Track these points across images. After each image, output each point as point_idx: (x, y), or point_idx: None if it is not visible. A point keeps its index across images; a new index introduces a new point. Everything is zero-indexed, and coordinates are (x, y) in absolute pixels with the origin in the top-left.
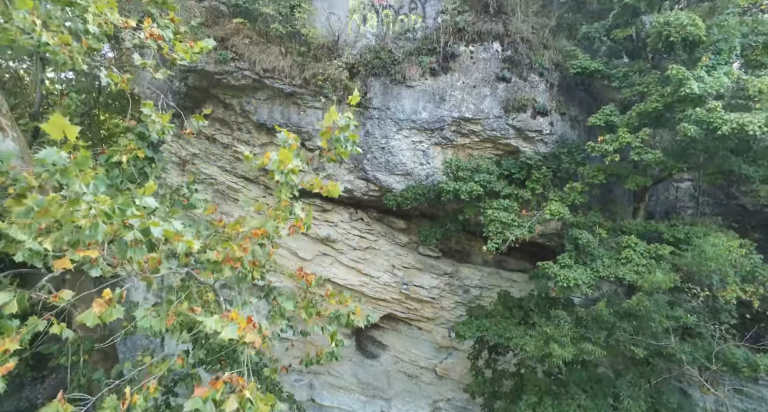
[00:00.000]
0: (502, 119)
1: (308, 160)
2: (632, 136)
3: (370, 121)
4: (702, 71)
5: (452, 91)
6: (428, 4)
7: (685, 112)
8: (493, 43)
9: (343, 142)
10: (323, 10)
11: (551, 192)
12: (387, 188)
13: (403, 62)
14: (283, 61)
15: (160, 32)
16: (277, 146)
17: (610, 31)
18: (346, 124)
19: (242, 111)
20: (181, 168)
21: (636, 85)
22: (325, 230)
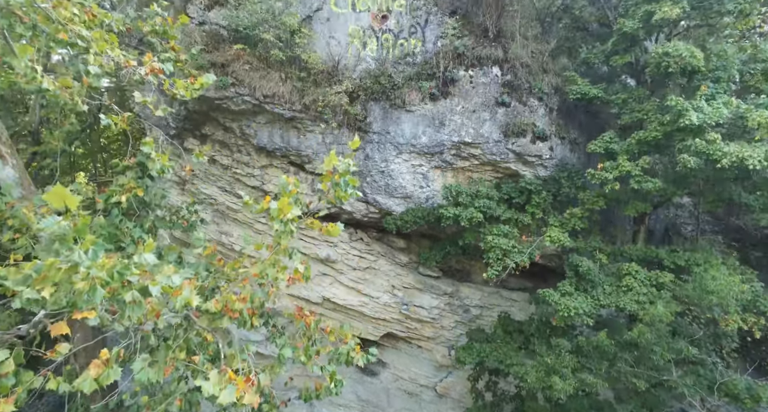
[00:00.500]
0: (502, 144)
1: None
2: (632, 165)
3: (369, 145)
4: (701, 101)
5: (452, 116)
6: (428, 28)
7: (685, 142)
8: (493, 68)
9: (343, 187)
10: (323, 33)
11: (551, 217)
12: (387, 211)
13: (402, 87)
14: (283, 87)
15: (160, 66)
16: (276, 168)
17: (609, 57)
18: (345, 170)
19: (242, 134)
20: (181, 187)
21: (635, 111)
22: (325, 251)
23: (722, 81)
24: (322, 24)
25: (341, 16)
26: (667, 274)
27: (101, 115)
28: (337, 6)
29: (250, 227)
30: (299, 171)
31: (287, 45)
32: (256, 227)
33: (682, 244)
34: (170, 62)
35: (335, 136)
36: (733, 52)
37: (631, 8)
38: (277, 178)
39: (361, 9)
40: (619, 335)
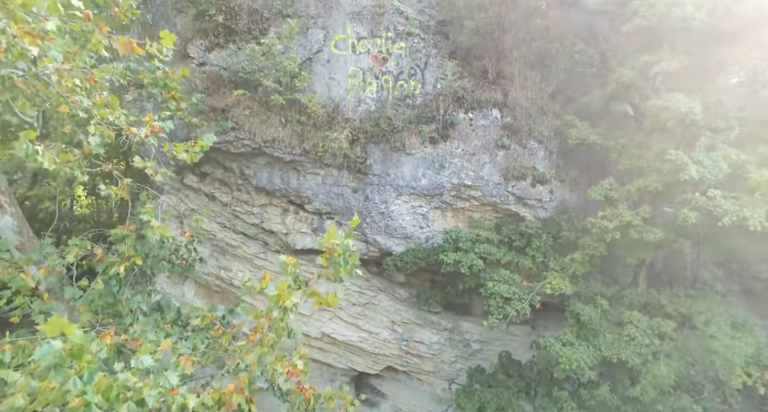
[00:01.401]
0: (502, 186)
1: (307, 282)
2: (633, 214)
3: (369, 186)
4: (700, 153)
5: (452, 159)
6: (427, 70)
7: (685, 196)
8: (492, 110)
9: (342, 264)
10: (323, 74)
11: (552, 260)
12: (386, 250)
13: (402, 131)
14: (283, 131)
15: (161, 125)
16: (276, 206)
17: (608, 102)
18: (345, 249)
19: (242, 174)
20: (180, 221)
21: (635, 157)
22: (325, 287)
23: (721, 130)
24: (322, 65)
25: (341, 57)
26: (669, 322)
27: (101, 186)
28: (337, 48)
29: (250, 262)
30: (299, 210)
31: (287, 88)
32: (255, 262)
33: (684, 286)
34: (170, 120)
35: (335, 177)
36: (732, 104)
37: (630, 56)
38: (277, 216)
39: (361, 51)
40: (622, 387)
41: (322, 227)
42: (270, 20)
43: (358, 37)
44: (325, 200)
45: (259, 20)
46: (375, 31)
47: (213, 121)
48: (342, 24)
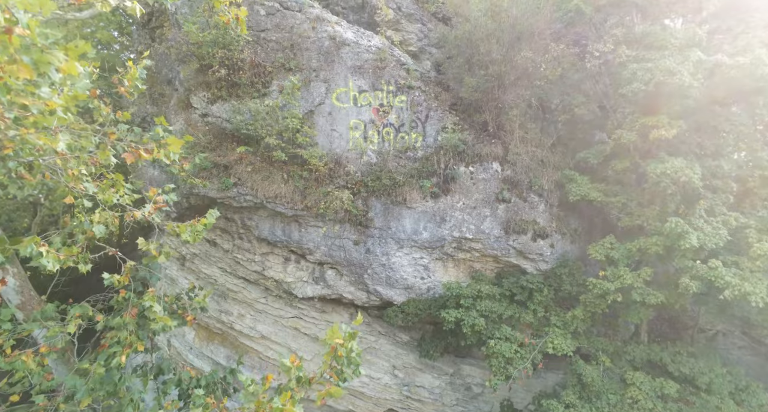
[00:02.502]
0: (503, 240)
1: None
2: (634, 275)
3: (371, 239)
4: (700, 220)
5: (453, 212)
6: (428, 123)
7: (686, 263)
8: (493, 163)
9: (346, 364)
10: (325, 126)
11: (553, 315)
12: (388, 300)
13: (404, 185)
14: (285, 187)
15: (164, 198)
16: (277, 255)
17: (608, 160)
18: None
19: (243, 225)
20: (181, 263)
21: (635, 214)
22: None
23: (720, 191)
24: (324, 117)
25: (343, 110)
26: (672, 383)
27: (104, 275)
28: (338, 100)
29: (251, 306)
30: (300, 259)
31: (289, 142)
32: (256, 306)
33: (686, 342)
34: (174, 193)
35: (337, 230)
36: (730, 167)
37: (629, 116)
38: (279, 265)
39: (362, 103)
40: None
41: (323, 276)
42: (272, 73)
43: (359, 90)
44: (326, 252)
45: (261, 73)
46: (376, 85)
47: (215, 177)
48: (344, 77)
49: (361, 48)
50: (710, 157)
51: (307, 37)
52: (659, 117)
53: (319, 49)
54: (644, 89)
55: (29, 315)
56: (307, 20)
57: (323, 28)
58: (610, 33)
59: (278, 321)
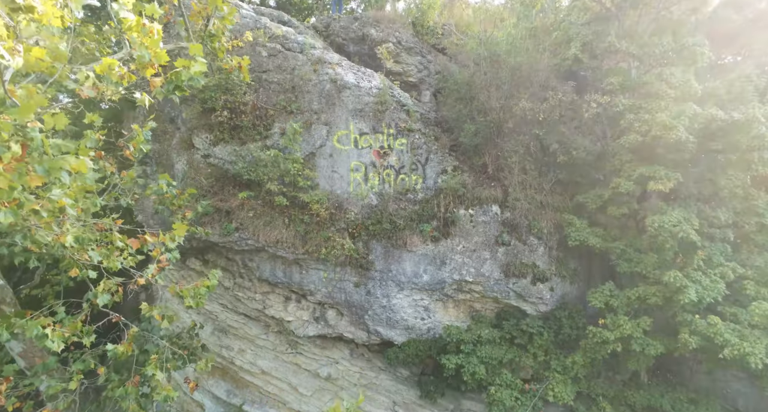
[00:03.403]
0: (503, 283)
1: None
2: (633, 325)
3: (371, 281)
4: (698, 272)
5: (453, 255)
6: (428, 165)
7: (685, 317)
8: (492, 206)
9: None
10: (326, 168)
11: (554, 359)
12: (388, 339)
13: (404, 229)
14: (286, 232)
15: (167, 257)
16: (278, 295)
17: (607, 206)
18: None
19: (245, 265)
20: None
21: (634, 261)
22: (326, 369)
23: (718, 240)
24: (325, 159)
25: (344, 152)
26: None
27: (108, 346)
28: (340, 143)
29: (251, 342)
30: (301, 298)
31: (291, 185)
32: (257, 342)
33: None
34: (176, 250)
35: (338, 273)
36: (727, 217)
37: (626, 165)
38: (279, 304)
39: (363, 146)
40: None
41: (324, 316)
42: (274, 116)
43: (360, 132)
44: (327, 293)
45: (263, 116)
46: (377, 128)
47: (217, 222)
48: (345, 120)
49: (362, 91)
50: (708, 206)
51: (308, 79)
52: (656, 168)
53: (321, 92)
54: (641, 140)
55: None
56: (308, 62)
57: (324, 71)
58: (606, 80)
59: (279, 357)
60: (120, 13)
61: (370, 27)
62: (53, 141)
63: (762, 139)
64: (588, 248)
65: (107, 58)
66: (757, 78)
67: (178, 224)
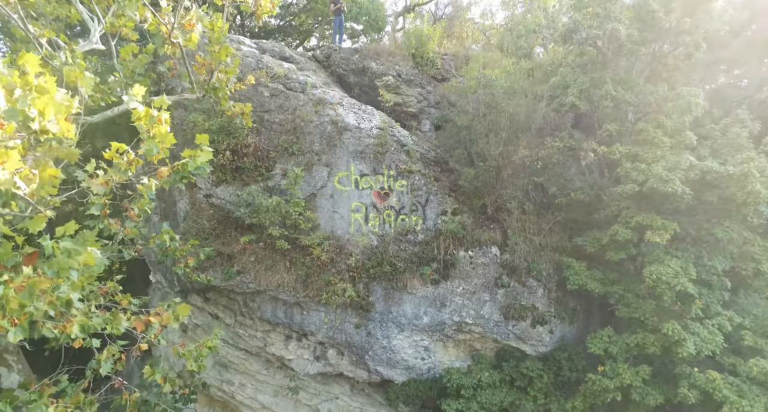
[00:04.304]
0: (502, 325)
1: None
2: (632, 373)
3: (372, 323)
4: (696, 323)
5: (453, 297)
6: (428, 206)
7: (684, 370)
8: (492, 248)
9: None
10: (327, 208)
11: (553, 402)
12: (389, 379)
13: (404, 272)
14: (288, 276)
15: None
16: (278, 334)
17: (605, 250)
18: None
19: (246, 305)
20: (183, 331)
21: (633, 306)
22: (327, 405)
23: (715, 288)
24: (326, 199)
25: (344, 193)
26: None
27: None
28: (340, 184)
29: (252, 377)
30: (302, 337)
31: (292, 227)
32: (258, 377)
33: None
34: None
35: (338, 315)
36: (724, 266)
37: (624, 211)
38: (281, 342)
39: (363, 187)
40: None
41: (324, 355)
42: (276, 157)
43: (360, 174)
44: (328, 334)
45: (265, 158)
46: (377, 169)
47: (219, 266)
48: (345, 162)
49: (362, 133)
50: (705, 249)
51: (310, 120)
52: (653, 217)
53: (322, 134)
54: (638, 190)
55: None
56: (309, 102)
57: (326, 112)
58: (603, 127)
59: (279, 392)
60: (130, 103)
61: (371, 60)
62: (63, 245)
63: (756, 195)
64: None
65: (115, 143)
66: (751, 123)
67: (182, 306)
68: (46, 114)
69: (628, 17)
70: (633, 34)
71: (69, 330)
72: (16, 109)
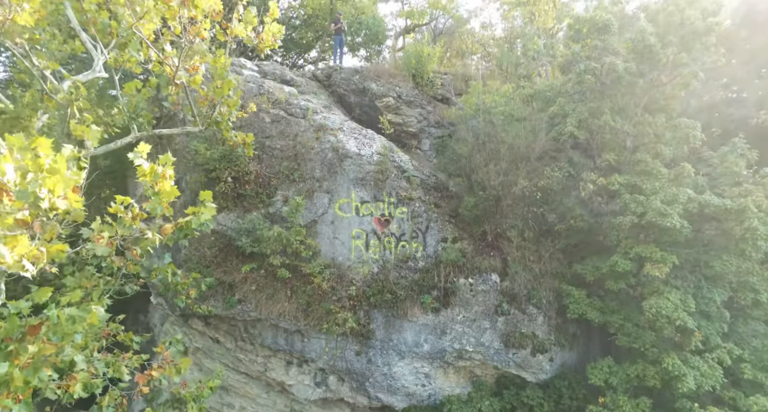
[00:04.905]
0: (503, 353)
1: None
2: (633, 405)
3: (372, 350)
4: (696, 357)
5: (453, 325)
6: (429, 234)
7: (684, 404)
8: (492, 275)
9: None
10: (328, 234)
11: None
12: (389, 406)
13: (405, 300)
14: (288, 305)
15: (171, 351)
16: (279, 359)
17: (604, 278)
18: None
19: (247, 331)
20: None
21: (632, 336)
22: None
23: (715, 320)
24: (327, 226)
25: (345, 219)
26: None
27: None
28: (341, 210)
29: (253, 400)
30: (303, 363)
31: (293, 255)
32: (258, 401)
33: None
34: (181, 345)
35: (339, 342)
36: (723, 298)
37: (624, 241)
38: (281, 368)
39: (364, 213)
40: None
41: (325, 381)
42: (277, 184)
43: (361, 200)
44: (328, 361)
45: (266, 184)
46: (378, 196)
47: (220, 294)
48: (346, 189)
49: (363, 160)
50: (705, 283)
51: (311, 147)
52: (653, 249)
53: (323, 160)
54: (637, 222)
55: None
56: (311, 128)
57: (326, 138)
58: (602, 157)
59: None
60: (135, 160)
61: (371, 81)
62: (68, 311)
63: (754, 231)
64: None
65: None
66: (748, 152)
67: (184, 359)
68: (56, 191)
69: (625, 48)
70: (631, 67)
71: (72, 389)
72: (27, 191)
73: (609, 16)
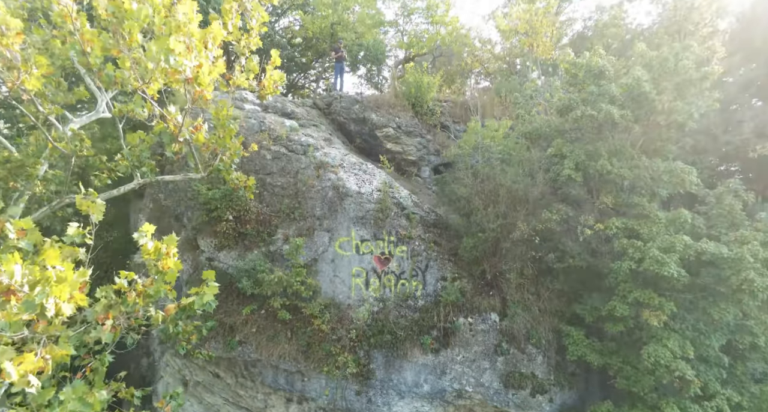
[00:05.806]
0: (502, 394)
1: None
2: None
3: (372, 390)
4: (696, 407)
5: (453, 365)
6: (428, 272)
7: None
8: (491, 314)
9: None
10: (328, 273)
11: None
12: None
13: (405, 341)
14: (289, 347)
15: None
16: (279, 397)
17: (603, 320)
18: None
19: (247, 370)
20: (183, 383)
21: (632, 380)
22: None
23: (713, 365)
24: (327, 264)
25: (345, 257)
26: None
27: None
28: (341, 249)
29: None
30: (303, 401)
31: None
32: None
33: None
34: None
35: (339, 382)
36: (721, 343)
37: (622, 284)
38: (281, 405)
39: (364, 252)
40: None
41: None
42: (277, 223)
43: (361, 239)
44: (328, 400)
45: (267, 223)
46: (378, 235)
47: (221, 336)
48: (346, 227)
49: (363, 198)
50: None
51: (311, 185)
52: (651, 294)
53: (323, 199)
54: (635, 268)
55: None
56: (311, 165)
57: (327, 176)
58: (600, 200)
59: None
60: (140, 240)
61: (371, 111)
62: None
63: (751, 283)
64: None
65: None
66: (744, 193)
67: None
68: (62, 297)
69: (621, 92)
70: (627, 114)
71: None
72: (34, 302)
73: (604, 62)
